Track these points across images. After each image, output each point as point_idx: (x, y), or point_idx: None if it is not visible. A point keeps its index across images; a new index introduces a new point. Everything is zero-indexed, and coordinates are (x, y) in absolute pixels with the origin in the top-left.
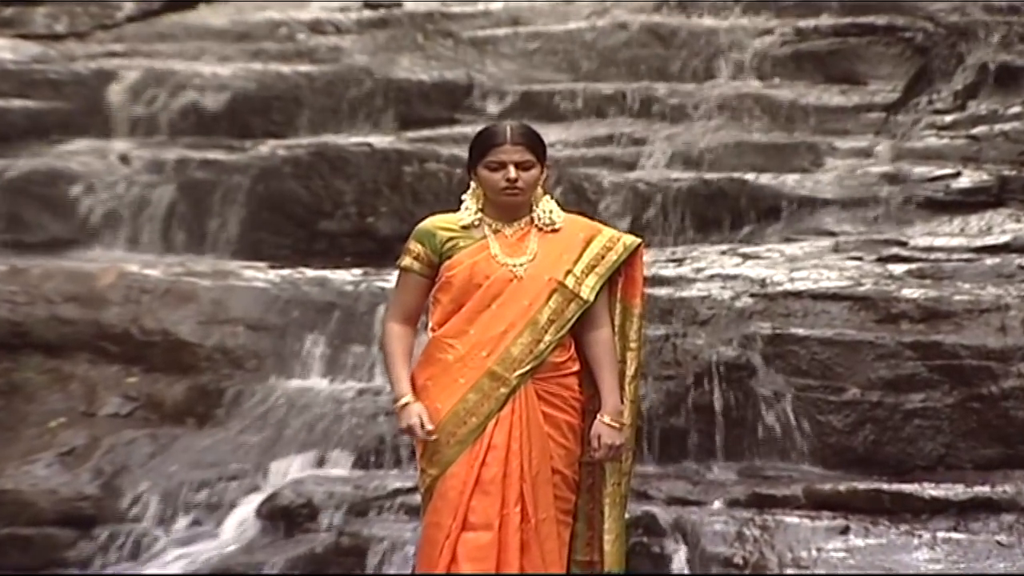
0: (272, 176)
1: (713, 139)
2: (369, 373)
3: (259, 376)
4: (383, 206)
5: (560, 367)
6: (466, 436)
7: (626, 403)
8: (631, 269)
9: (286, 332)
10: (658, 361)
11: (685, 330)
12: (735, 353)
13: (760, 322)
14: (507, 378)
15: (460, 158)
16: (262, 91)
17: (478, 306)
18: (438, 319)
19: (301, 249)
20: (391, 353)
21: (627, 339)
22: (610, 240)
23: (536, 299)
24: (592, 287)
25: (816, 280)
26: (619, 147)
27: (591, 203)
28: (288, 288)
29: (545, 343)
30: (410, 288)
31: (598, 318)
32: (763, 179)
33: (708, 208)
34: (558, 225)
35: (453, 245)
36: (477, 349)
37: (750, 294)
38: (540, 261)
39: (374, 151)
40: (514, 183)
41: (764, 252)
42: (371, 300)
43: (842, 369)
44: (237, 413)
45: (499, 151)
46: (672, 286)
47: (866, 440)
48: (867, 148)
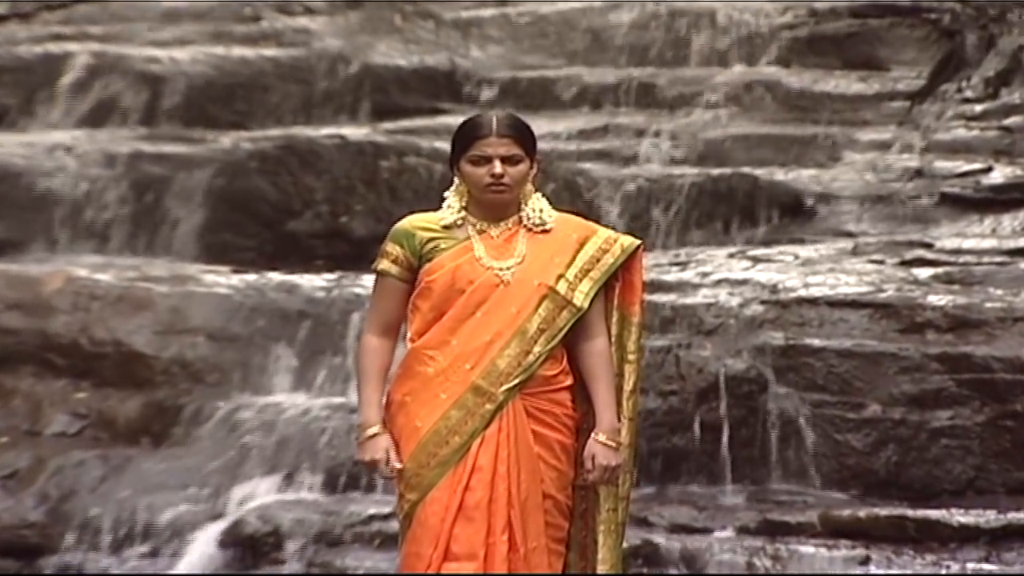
0: (235, 171)
1: (720, 131)
2: (342, 387)
3: (221, 391)
4: (357, 204)
5: (551, 381)
6: (448, 457)
7: (624, 421)
8: (629, 273)
9: (251, 343)
10: (659, 375)
11: (689, 340)
12: (744, 366)
13: (772, 332)
14: (493, 393)
15: (442, 152)
16: (224, 78)
17: (461, 314)
18: (417, 328)
19: (267, 251)
20: (363, 371)
21: (625, 350)
22: (606, 242)
23: (525, 306)
24: (586, 293)
25: (833, 286)
26: (617, 139)
27: (586, 201)
28: (253, 294)
29: (535, 355)
30: (388, 295)
31: (593, 327)
32: (775, 175)
33: (715, 207)
34: (549, 225)
35: (434, 247)
36: (460, 361)
37: (761, 301)
38: (529, 264)
39: (347, 144)
40: (499, 179)
41: (776, 255)
42: (344, 307)
43: (862, 383)
44: (197, 432)
45: (483, 144)
46: (675, 292)
47: (888, 461)
48: (889, 140)
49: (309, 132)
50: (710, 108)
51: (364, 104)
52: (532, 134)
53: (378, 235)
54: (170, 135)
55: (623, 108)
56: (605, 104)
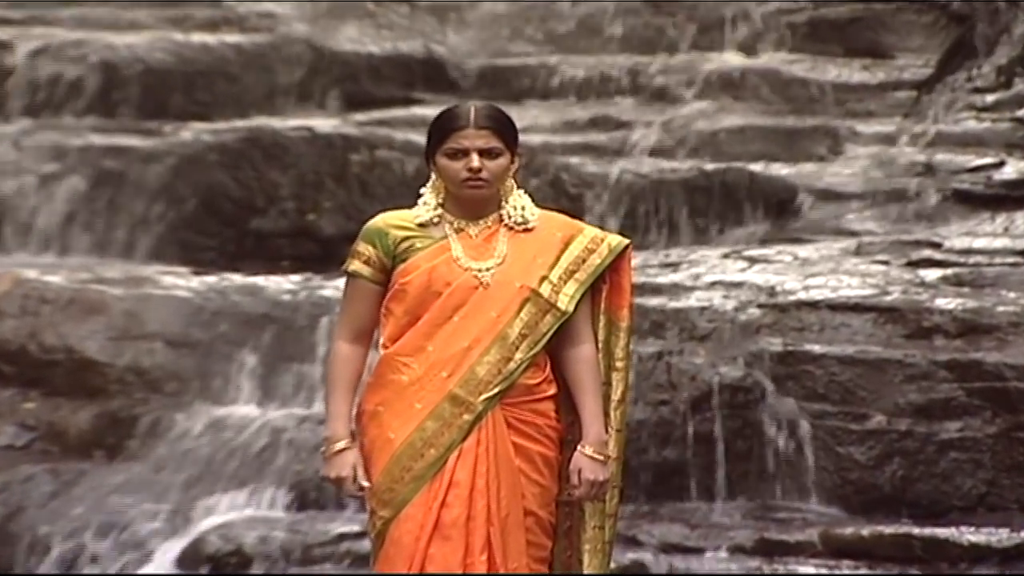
0: (195, 166)
1: (714, 123)
2: (310, 397)
3: (180, 401)
4: (326, 201)
5: (534, 390)
6: (424, 471)
7: (611, 432)
8: (618, 275)
9: (212, 349)
10: (649, 383)
11: (681, 346)
12: (740, 373)
13: (769, 337)
14: (471, 403)
15: (416, 144)
16: (183, 65)
17: (437, 318)
18: (391, 333)
19: (230, 251)
20: (332, 380)
21: (613, 357)
22: (593, 241)
23: (505, 310)
24: (571, 296)
25: (835, 288)
26: (604, 132)
27: (571, 198)
28: (214, 297)
29: (516, 362)
30: (360, 298)
31: (578, 333)
32: (773, 169)
33: (708, 203)
34: (532, 224)
35: (408, 247)
36: (436, 369)
37: (757, 304)
38: (510, 265)
39: (316, 136)
40: (477, 173)
41: (774, 255)
42: (312, 311)
43: (865, 393)
44: (154, 445)
45: (460, 136)
46: (666, 295)
47: (894, 476)
48: (895, 133)
49: (274, 124)
50: (704, 98)
51: (333, 94)
52: (513, 126)
53: (348, 234)
54: (125, 127)
55: (611, 98)
56: (592, 94)
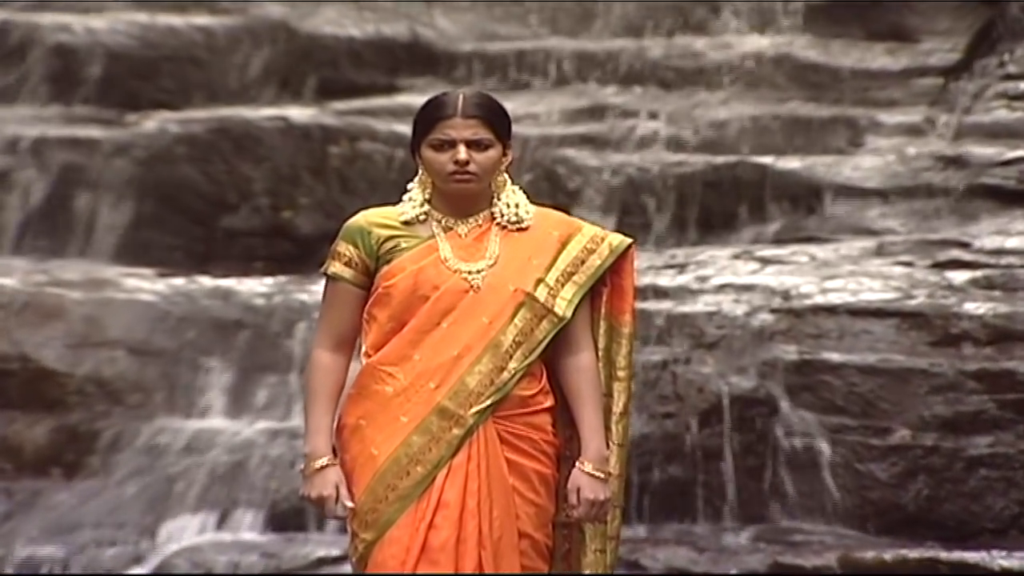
0: (161, 159)
1: (724, 112)
2: (286, 410)
3: (144, 414)
4: (303, 197)
5: (529, 402)
6: (410, 490)
7: (612, 448)
8: (619, 277)
9: (179, 358)
10: (654, 394)
11: (688, 355)
12: (751, 384)
13: (783, 345)
14: (461, 416)
15: (401, 136)
16: (148, 50)
17: (424, 325)
18: (374, 341)
19: (198, 252)
20: (312, 392)
21: (614, 366)
22: (592, 240)
23: (498, 316)
24: (569, 300)
25: (854, 291)
26: (604, 122)
27: (569, 194)
28: (182, 302)
29: (510, 371)
30: (340, 303)
31: (577, 340)
32: (787, 163)
33: (718, 200)
34: (526, 222)
35: (393, 247)
36: (423, 379)
37: (771, 309)
38: (503, 267)
39: (291, 127)
40: (464, 166)
41: (788, 256)
42: (287, 317)
43: (888, 405)
44: (116, 461)
45: (446, 126)
46: (672, 299)
47: (919, 495)
48: (920, 123)
49: (247, 113)
50: (713, 86)
51: (310, 81)
52: (506, 116)
53: (327, 233)
54: (84, 116)
55: (612, 86)
56: (591, 81)
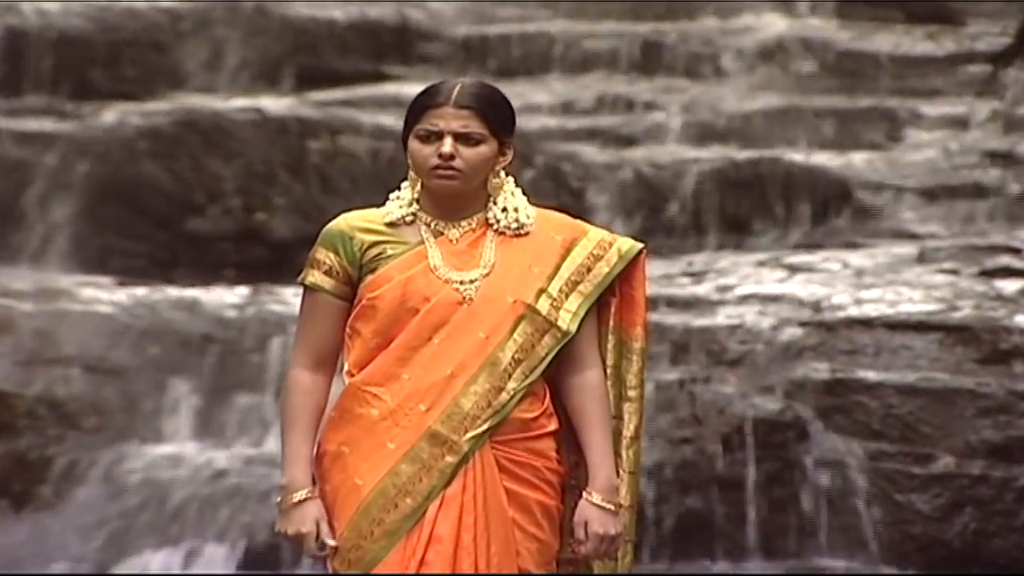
0: (121, 154)
1: (748, 103)
2: (259, 434)
3: (102, 439)
4: (279, 197)
5: (531, 425)
6: (398, 525)
7: (623, 476)
8: (630, 287)
9: (141, 376)
10: (670, 417)
11: (707, 373)
12: (778, 406)
13: (814, 362)
14: (455, 442)
15: (389, 129)
16: (106, 33)
17: (414, 340)
18: (357, 358)
19: (162, 258)
20: (289, 415)
21: (624, 385)
22: (599, 246)
23: (496, 330)
24: (574, 312)
25: (893, 302)
26: (614, 115)
27: (573, 193)
28: (144, 314)
29: (509, 392)
30: (320, 316)
31: (583, 356)
32: (819, 159)
33: (740, 200)
34: (527, 226)
35: (378, 254)
36: (413, 401)
37: (799, 322)
38: (501, 276)
39: (266, 119)
40: (448, 161)
41: (820, 263)
42: (261, 330)
43: (930, 429)
44: (71, 492)
45: (435, 115)
46: (689, 311)
47: (965, 529)
48: (965, 115)
49: (216, 104)
50: (735, 73)
51: (287, 68)
52: (506, 110)
53: (305, 237)
54: (36, 108)
55: (622, 74)
56: (599, 68)
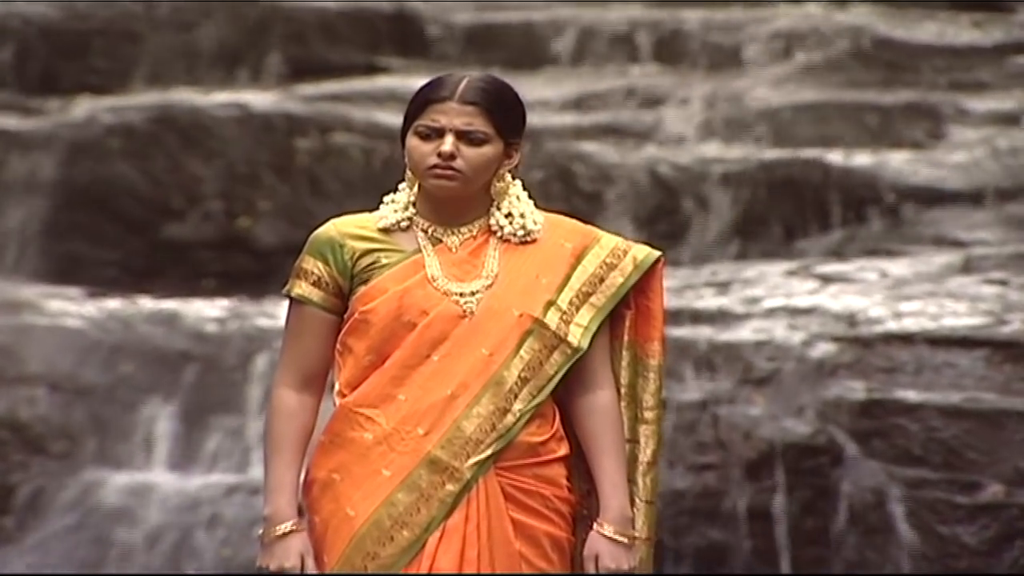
0: (90, 154)
1: (777, 97)
2: (241, 460)
3: (71, 466)
4: (263, 201)
5: (539, 450)
6: (395, 559)
7: (639, 506)
8: (646, 298)
9: (113, 397)
10: (690, 441)
11: (732, 393)
12: (810, 429)
13: (849, 381)
14: (457, 469)
15: (384, 127)
16: (75, 23)
17: (411, 358)
18: (349, 377)
19: (136, 267)
20: (274, 440)
21: (641, 406)
22: (613, 254)
23: (500, 347)
24: (586, 327)
25: (935, 316)
26: (629, 109)
27: (585, 196)
28: (116, 328)
29: (515, 414)
30: (308, 331)
31: (595, 374)
32: (854, 159)
33: (768, 204)
34: (533, 233)
35: (371, 263)
36: (410, 424)
37: (833, 337)
38: (505, 288)
39: (250, 115)
40: (448, 160)
41: (854, 272)
42: (244, 347)
43: (977, 455)
44: (36, 523)
45: (437, 110)
46: (712, 325)
47: (1015, 564)
48: (1015, 111)
49: (195, 99)
50: (761, 64)
51: (273, 59)
52: (516, 108)
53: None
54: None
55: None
56: (613, 59)
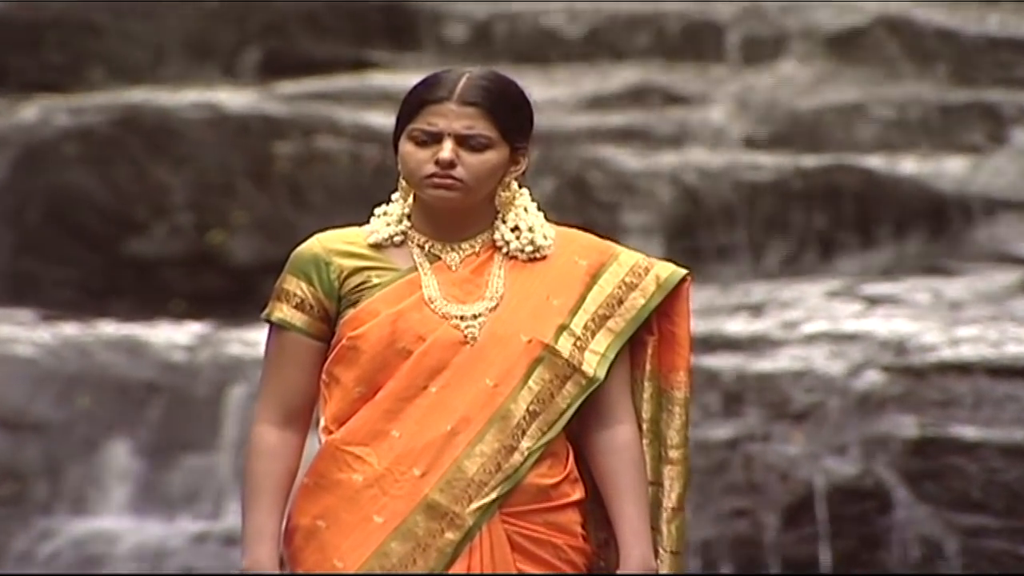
0: (45, 159)
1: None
2: (214, 506)
3: (21, 511)
4: (239, 212)
5: (550, 494)
6: None
7: (663, 556)
8: (671, 322)
9: (69, 433)
10: (720, 484)
11: (767, 429)
12: (855, 470)
13: (898, 415)
14: (458, 514)
15: (376, 130)
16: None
17: (406, 389)
18: (337, 411)
19: (95, 287)
20: (254, 482)
21: (665, 445)
22: (633, 272)
23: (506, 376)
24: (603, 354)
25: (996, 343)
26: (652, 110)
27: (603, 207)
28: (73, 356)
29: (523, 452)
30: (290, 360)
31: (614, 408)
32: (903, 166)
33: (807, 216)
34: (543, 249)
35: (361, 283)
36: (405, 464)
37: (881, 366)
38: (512, 311)
39: (224, 117)
40: (447, 168)
41: (904, 293)
42: (217, 378)
43: None
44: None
45: (435, 112)
46: (743, 352)
47: None
48: None
49: (162, 98)
50: (801, 59)
51: (250, 54)
52: (523, 109)
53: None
54: None
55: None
56: (633, 55)
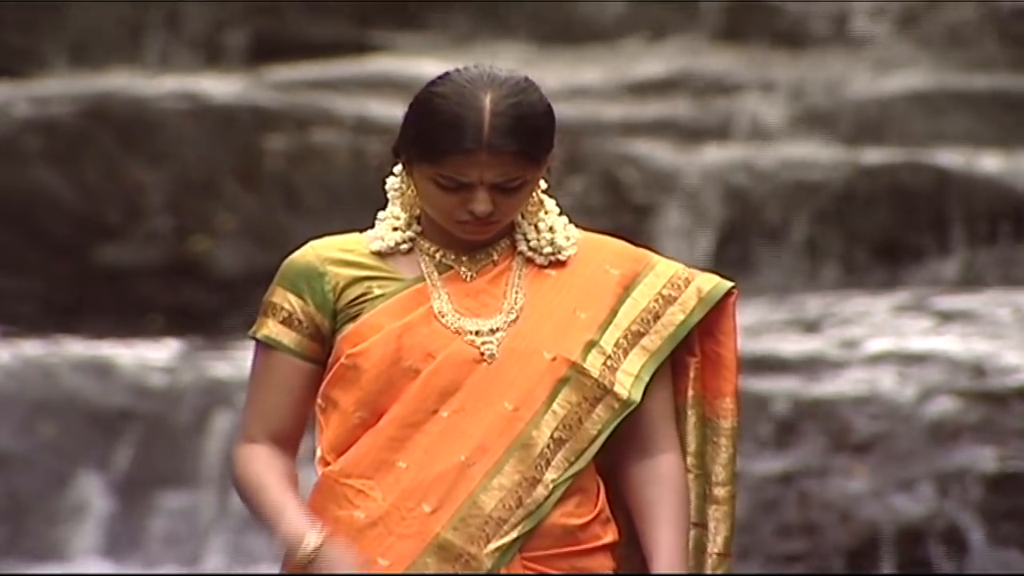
0: (3, 155)
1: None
2: (196, 548)
3: None
4: (225, 214)
5: (578, 536)
6: None
7: None
8: (715, 341)
9: (32, 468)
10: (772, 524)
11: (825, 463)
12: (925, 508)
13: (976, 447)
14: (473, 556)
15: (377, 121)
16: None
17: (413, 414)
18: (335, 440)
19: (62, 301)
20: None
21: (710, 481)
22: (671, 284)
23: (528, 399)
24: (637, 375)
25: None
26: (692, 100)
27: (635, 209)
28: (36, 379)
29: (547, 486)
30: (278, 383)
31: (655, 433)
32: (984, 163)
33: (871, 221)
34: (566, 252)
35: (361, 295)
36: (413, 500)
37: (955, 392)
38: (534, 324)
39: (207, 107)
40: (486, 220)
41: (982, 307)
42: (200, 402)
43: None
44: None
45: (464, 163)
46: (797, 374)
47: None
48: None
49: (137, 85)
50: (864, 41)
51: (235, 37)
52: (550, 123)
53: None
54: None
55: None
56: (670, 35)
